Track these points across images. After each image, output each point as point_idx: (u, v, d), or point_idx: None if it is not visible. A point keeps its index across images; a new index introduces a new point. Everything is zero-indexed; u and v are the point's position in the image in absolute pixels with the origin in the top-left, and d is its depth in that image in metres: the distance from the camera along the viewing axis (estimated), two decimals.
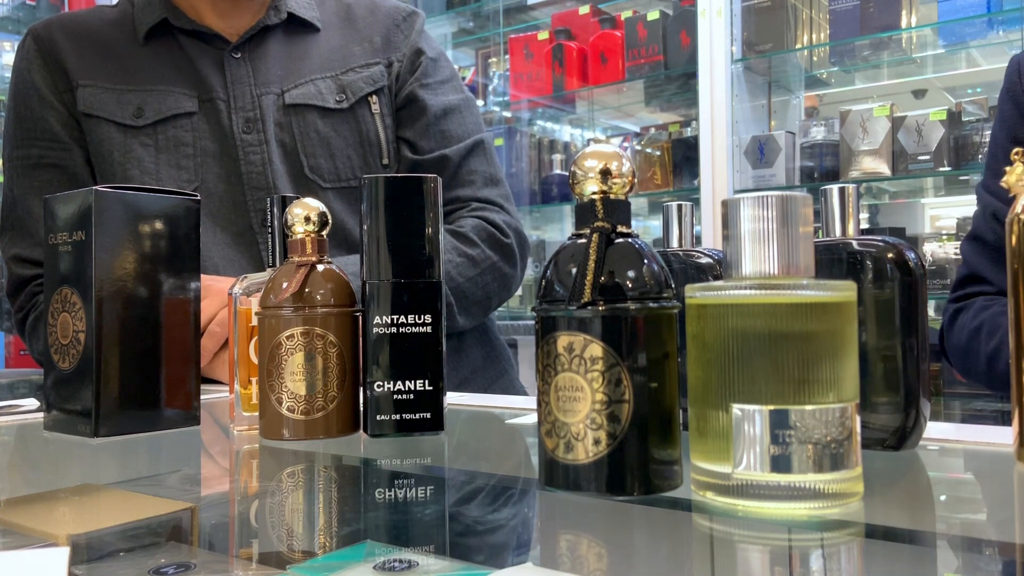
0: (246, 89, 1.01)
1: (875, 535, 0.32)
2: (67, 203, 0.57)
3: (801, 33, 2.03)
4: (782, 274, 0.35)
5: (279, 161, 1.00)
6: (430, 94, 1.05)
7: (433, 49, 1.10)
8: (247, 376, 0.58)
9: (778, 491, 0.33)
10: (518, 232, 1.04)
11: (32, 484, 0.48)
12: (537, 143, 2.52)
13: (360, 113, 1.03)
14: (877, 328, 0.44)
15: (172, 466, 0.51)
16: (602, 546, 0.33)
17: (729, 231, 0.36)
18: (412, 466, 0.47)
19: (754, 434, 0.33)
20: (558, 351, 0.37)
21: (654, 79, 2.30)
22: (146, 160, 0.97)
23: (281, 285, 0.53)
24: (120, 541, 0.34)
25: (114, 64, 1.01)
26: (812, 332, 0.33)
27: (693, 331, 0.36)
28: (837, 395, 0.34)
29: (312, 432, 0.52)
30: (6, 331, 2.80)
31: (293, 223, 0.54)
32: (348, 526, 0.36)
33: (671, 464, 0.37)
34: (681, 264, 0.51)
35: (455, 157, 1.03)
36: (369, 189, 0.53)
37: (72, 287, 0.56)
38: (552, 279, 0.38)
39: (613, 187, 0.38)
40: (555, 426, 0.37)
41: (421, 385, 0.52)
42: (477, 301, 0.99)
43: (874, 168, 1.88)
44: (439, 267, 0.53)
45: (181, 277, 0.59)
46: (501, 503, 0.40)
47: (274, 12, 1.04)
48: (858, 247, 0.45)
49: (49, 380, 0.58)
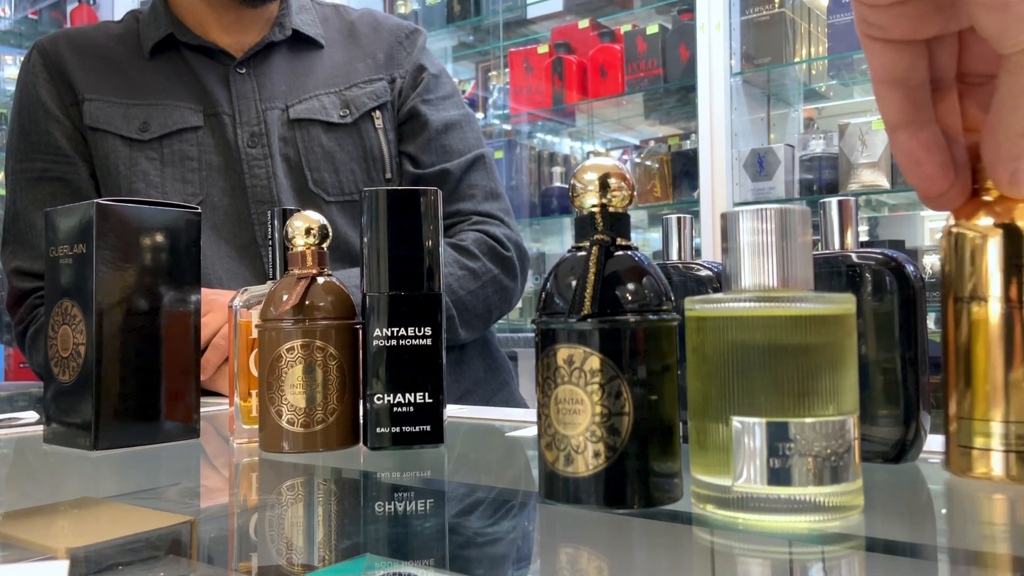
0: (251, 104, 1.01)
1: (876, 548, 0.32)
2: (68, 216, 0.57)
3: (800, 47, 2.04)
4: (781, 287, 0.35)
5: (283, 175, 1.00)
6: (432, 109, 1.06)
7: (435, 66, 1.11)
8: (247, 389, 0.58)
9: (778, 504, 0.33)
10: (518, 246, 1.04)
11: (31, 497, 0.48)
12: (537, 156, 2.53)
13: (364, 128, 1.04)
14: (877, 341, 0.44)
15: (171, 479, 0.51)
16: (602, 559, 0.33)
17: (728, 244, 0.36)
18: (412, 479, 0.47)
19: (754, 447, 0.33)
20: (558, 364, 0.37)
21: (653, 92, 2.31)
22: (152, 174, 0.98)
23: (281, 297, 0.53)
24: (119, 554, 0.34)
25: (120, 78, 1.02)
26: (812, 345, 0.33)
27: (693, 344, 0.36)
28: (837, 407, 0.34)
29: (312, 445, 0.52)
30: (6, 344, 2.80)
31: (294, 235, 0.54)
32: (348, 539, 0.36)
33: (671, 477, 0.37)
34: (681, 277, 0.51)
35: (456, 171, 1.04)
36: (370, 202, 0.53)
37: (72, 300, 0.57)
38: (552, 292, 0.38)
39: (613, 200, 0.38)
40: (555, 439, 0.37)
41: (421, 398, 0.52)
42: (478, 314, 0.99)
43: (873, 181, 1.88)
44: (439, 279, 0.53)
45: (182, 290, 0.59)
46: (501, 516, 0.40)
47: (279, 29, 1.05)
48: (857, 260, 0.45)
49: (49, 393, 0.58)
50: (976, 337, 0.40)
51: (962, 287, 0.40)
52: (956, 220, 0.41)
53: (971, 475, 0.40)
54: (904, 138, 0.40)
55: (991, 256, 0.39)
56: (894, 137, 0.40)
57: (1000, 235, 0.39)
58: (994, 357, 0.39)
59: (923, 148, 0.40)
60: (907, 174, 0.41)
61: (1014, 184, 0.38)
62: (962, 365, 0.40)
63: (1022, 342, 0.39)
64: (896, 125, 0.40)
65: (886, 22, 0.38)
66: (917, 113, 0.40)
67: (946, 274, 0.41)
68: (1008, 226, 0.39)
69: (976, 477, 0.40)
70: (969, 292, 0.40)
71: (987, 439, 0.39)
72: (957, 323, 0.40)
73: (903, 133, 0.40)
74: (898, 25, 0.38)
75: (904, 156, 0.40)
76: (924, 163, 0.40)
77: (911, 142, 0.40)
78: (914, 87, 0.39)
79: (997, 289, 0.39)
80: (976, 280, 0.40)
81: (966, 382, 0.40)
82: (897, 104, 0.40)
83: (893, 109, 0.40)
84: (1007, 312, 0.39)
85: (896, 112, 0.40)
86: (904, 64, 0.39)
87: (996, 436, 0.39)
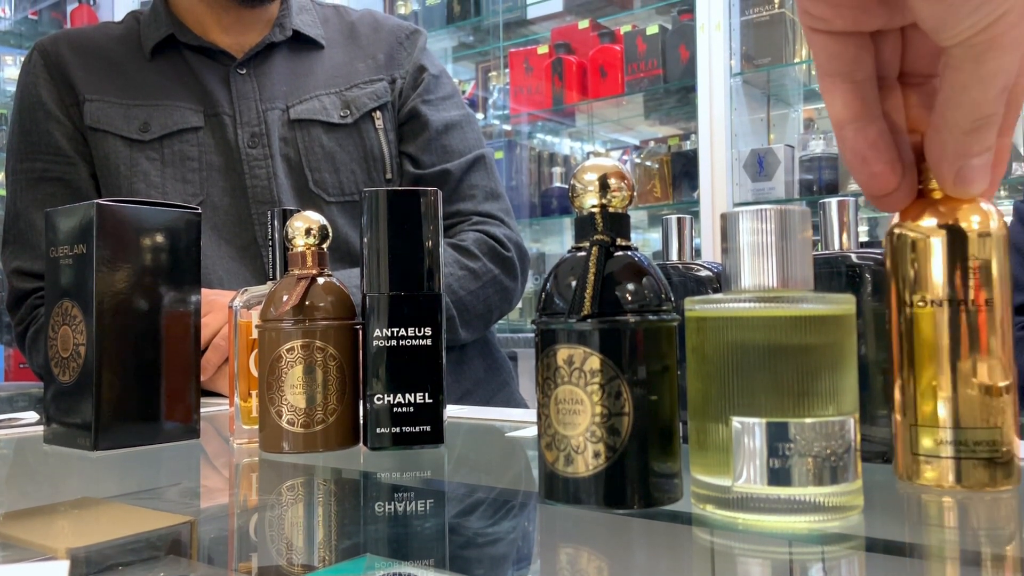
0: (252, 104, 1.02)
1: (875, 548, 0.32)
2: (68, 216, 0.58)
3: (800, 47, 2.04)
4: (781, 287, 0.35)
5: (284, 175, 1.00)
6: (432, 110, 1.06)
7: (435, 66, 1.11)
8: (247, 389, 0.58)
9: (778, 504, 0.33)
10: (519, 246, 1.05)
11: (31, 497, 0.48)
12: (537, 156, 2.53)
13: (364, 128, 1.04)
14: (876, 341, 0.44)
15: (172, 479, 0.51)
16: (602, 559, 0.33)
17: (728, 244, 0.36)
18: (412, 479, 0.47)
19: (754, 447, 0.33)
20: (558, 364, 0.37)
21: (653, 93, 2.31)
22: (152, 174, 0.98)
23: (281, 298, 0.53)
24: (119, 554, 0.34)
25: (121, 79, 1.02)
26: (811, 345, 0.33)
27: (693, 344, 0.36)
28: (837, 408, 0.34)
29: (312, 445, 0.52)
30: (6, 344, 2.80)
31: (294, 236, 0.54)
32: (348, 539, 0.36)
33: (671, 477, 0.37)
34: (680, 277, 0.51)
35: (456, 171, 1.04)
36: (370, 202, 0.53)
37: (73, 300, 0.57)
38: (552, 292, 0.38)
39: (612, 200, 0.38)
40: (555, 439, 0.37)
41: (421, 398, 0.52)
42: (479, 314, 0.99)
43: None
44: (439, 280, 0.53)
45: (181, 290, 0.59)
46: (501, 516, 0.40)
47: (279, 29, 1.05)
48: (856, 260, 0.45)
49: (49, 393, 0.58)
50: (920, 340, 0.39)
51: (906, 289, 0.39)
52: (900, 220, 0.40)
53: (920, 482, 0.39)
54: (851, 134, 0.39)
55: (935, 257, 0.39)
56: (840, 133, 0.39)
57: (944, 236, 0.38)
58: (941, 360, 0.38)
59: (870, 145, 0.39)
60: (854, 172, 0.40)
61: (959, 183, 0.37)
62: (910, 372, 0.39)
63: (968, 345, 0.38)
64: (843, 121, 0.39)
65: (828, 14, 0.37)
66: (864, 109, 0.39)
67: (890, 276, 0.40)
68: (952, 227, 0.38)
69: (925, 483, 0.39)
70: (914, 295, 0.39)
71: (936, 445, 0.38)
72: (903, 326, 0.40)
73: (850, 129, 0.39)
74: (840, 16, 0.37)
75: (851, 153, 0.39)
76: (872, 161, 0.39)
77: (858, 138, 0.39)
78: (860, 81, 0.39)
79: (942, 291, 0.38)
80: (921, 282, 0.39)
81: (914, 387, 0.39)
82: (843, 99, 0.39)
83: (839, 104, 0.39)
84: (952, 315, 0.38)
85: (842, 107, 0.39)
86: (849, 56, 0.38)
87: (945, 443, 0.38)
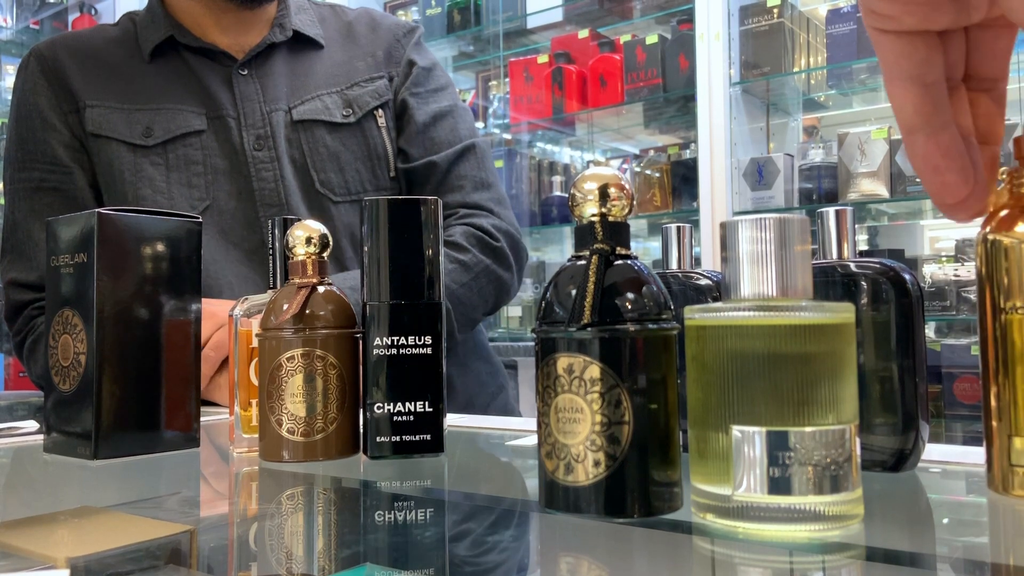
0: (256, 106, 1.01)
1: (875, 558, 0.32)
2: (69, 225, 0.58)
3: (799, 56, 2.05)
4: (780, 296, 0.35)
5: (291, 177, 1.00)
6: (419, 102, 1.06)
7: (426, 59, 1.10)
8: (247, 398, 0.58)
9: (778, 513, 0.33)
10: (509, 235, 1.02)
11: (31, 506, 0.47)
12: (537, 165, 2.53)
13: (367, 127, 1.04)
14: (875, 350, 0.44)
15: (171, 488, 0.51)
16: (602, 569, 0.33)
17: (727, 253, 0.36)
18: (412, 488, 0.47)
19: (754, 456, 0.33)
20: (558, 372, 0.37)
21: (653, 102, 2.32)
22: (157, 179, 0.97)
23: (281, 307, 0.53)
24: (119, 563, 0.34)
25: (120, 83, 1.01)
26: (811, 354, 0.33)
27: (692, 352, 0.36)
28: (836, 416, 0.34)
29: (312, 454, 0.52)
30: (6, 353, 2.80)
31: (294, 245, 0.55)
32: (347, 549, 0.36)
33: (671, 486, 0.37)
34: (680, 285, 0.51)
35: (443, 163, 1.02)
36: (370, 211, 0.53)
37: (73, 309, 0.57)
38: (552, 300, 0.39)
39: (612, 209, 0.39)
40: (555, 448, 0.37)
41: (421, 407, 0.52)
42: (474, 306, 0.98)
43: (872, 190, 1.89)
44: (439, 289, 0.53)
45: (182, 299, 0.59)
46: (501, 525, 0.40)
47: (279, 29, 1.05)
48: (855, 269, 0.45)
49: (49, 402, 0.58)
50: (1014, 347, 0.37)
51: (1000, 295, 0.38)
52: (993, 227, 0.38)
53: (1015, 494, 0.38)
54: (922, 141, 0.37)
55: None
56: (910, 140, 0.37)
57: None
58: None
59: (942, 153, 0.36)
60: (925, 181, 0.37)
61: None
62: (1004, 379, 0.38)
63: None
64: (912, 127, 0.37)
65: (897, 11, 0.35)
66: (935, 114, 0.36)
67: (983, 284, 0.39)
68: None
69: (1022, 496, 0.37)
70: (1008, 301, 0.38)
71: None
72: (996, 332, 0.38)
73: (920, 136, 0.37)
74: (910, 14, 0.35)
75: (923, 161, 0.37)
76: (944, 170, 0.37)
77: (930, 146, 0.36)
78: (930, 84, 0.36)
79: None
80: (1013, 288, 0.37)
81: (1011, 396, 0.38)
82: (913, 104, 0.36)
83: (909, 110, 0.36)
84: None
85: (912, 113, 0.36)
86: (918, 58, 0.36)
87: None
